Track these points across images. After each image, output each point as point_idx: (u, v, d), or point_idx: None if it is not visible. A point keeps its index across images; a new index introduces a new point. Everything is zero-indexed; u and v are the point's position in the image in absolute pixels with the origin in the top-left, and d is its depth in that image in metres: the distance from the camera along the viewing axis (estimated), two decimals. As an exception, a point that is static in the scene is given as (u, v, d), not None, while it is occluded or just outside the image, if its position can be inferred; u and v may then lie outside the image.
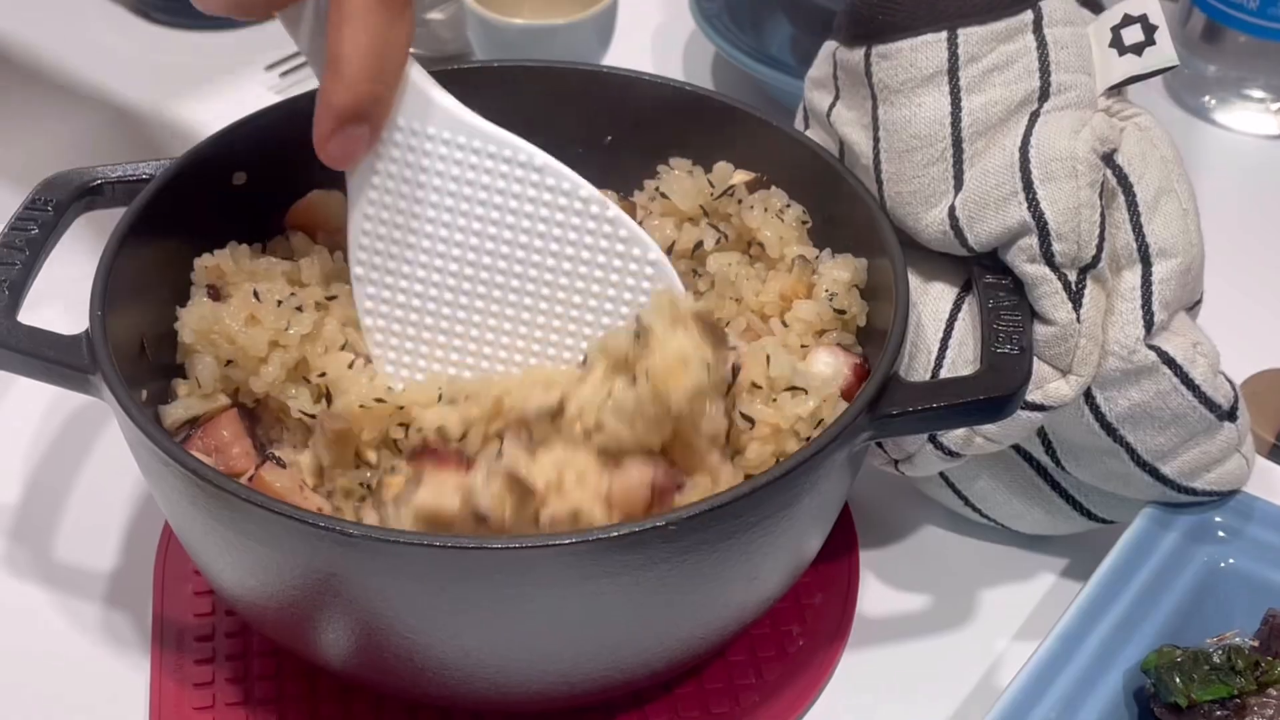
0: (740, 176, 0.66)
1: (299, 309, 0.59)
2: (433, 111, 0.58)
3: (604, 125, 0.68)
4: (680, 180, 0.66)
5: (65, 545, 0.67)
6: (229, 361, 0.59)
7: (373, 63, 0.54)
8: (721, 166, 0.66)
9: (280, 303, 0.59)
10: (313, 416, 0.58)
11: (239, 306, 0.59)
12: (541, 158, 0.59)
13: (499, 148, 0.58)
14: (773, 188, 0.66)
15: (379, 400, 0.57)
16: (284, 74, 0.97)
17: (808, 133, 0.66)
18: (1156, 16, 0.59)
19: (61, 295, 0.62)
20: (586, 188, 0.59)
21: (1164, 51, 0.59)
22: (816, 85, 0.65)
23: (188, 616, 0.63)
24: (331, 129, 0.54)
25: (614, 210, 0.59)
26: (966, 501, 0.67)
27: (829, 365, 0.60)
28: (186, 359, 0.60)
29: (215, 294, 0.61)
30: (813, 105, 0.66)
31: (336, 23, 0.53)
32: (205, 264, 0.61)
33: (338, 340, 0.60)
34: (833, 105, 0.64)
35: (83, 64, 0.97)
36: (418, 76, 0.58)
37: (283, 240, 0.65)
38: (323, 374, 0.58)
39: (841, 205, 0.63)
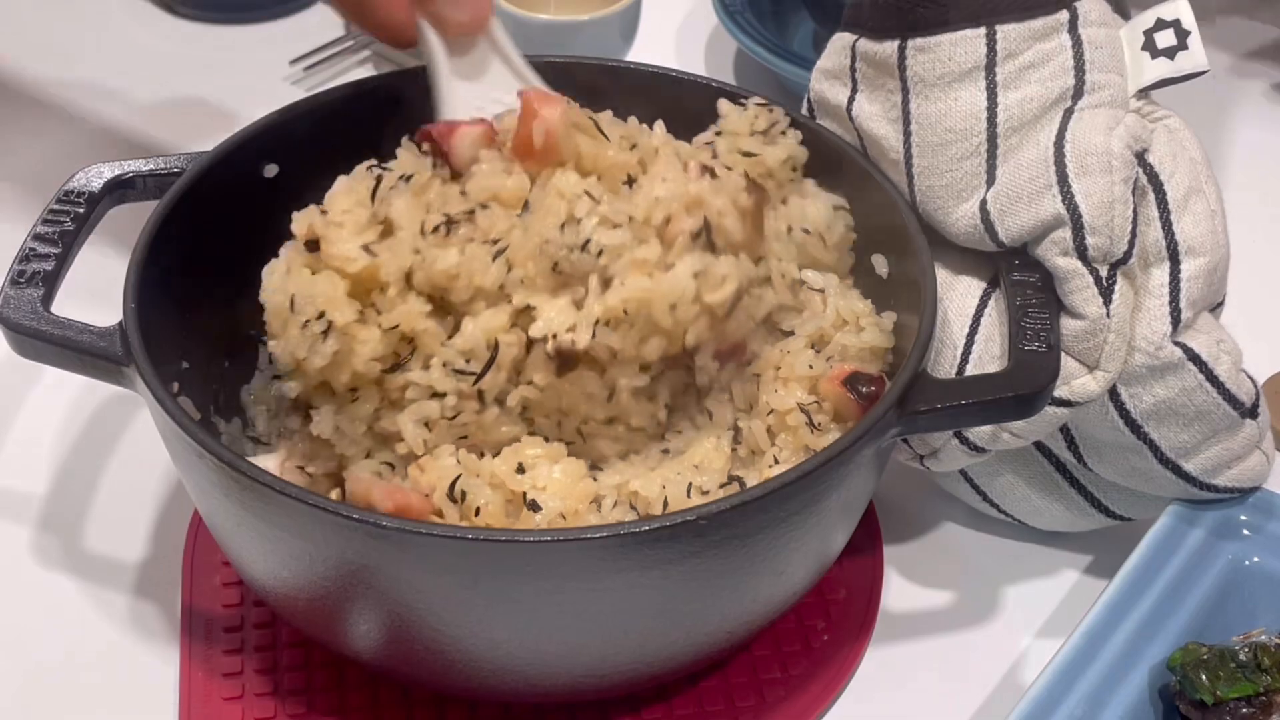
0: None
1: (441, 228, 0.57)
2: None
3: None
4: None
5: (94, 536, 0.68)
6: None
7: None
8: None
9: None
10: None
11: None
12: None
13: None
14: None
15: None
16: (308, 68, 0.97)
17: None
18: (1189, 22, 0.60)
19: (94, 288, 0.62)
20: None
21: (1196, 56, 0.60)
22: (828, 76, 0.65)
23: (216, 607, 0.63)
24: None
25: None
26: (985, 498, 0.67)
27: None
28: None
29: (314, 246, 0.57)
30: (822, 97, 0.65)
31: None
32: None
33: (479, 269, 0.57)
34: (851, 99, 0.64)
35: (108, 58, 0.98)
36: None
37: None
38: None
39: (868, 201, 0.63)
